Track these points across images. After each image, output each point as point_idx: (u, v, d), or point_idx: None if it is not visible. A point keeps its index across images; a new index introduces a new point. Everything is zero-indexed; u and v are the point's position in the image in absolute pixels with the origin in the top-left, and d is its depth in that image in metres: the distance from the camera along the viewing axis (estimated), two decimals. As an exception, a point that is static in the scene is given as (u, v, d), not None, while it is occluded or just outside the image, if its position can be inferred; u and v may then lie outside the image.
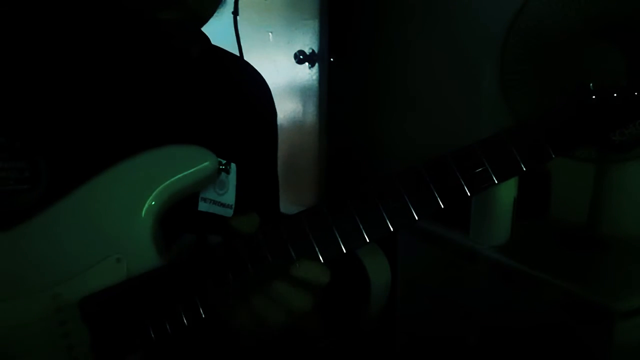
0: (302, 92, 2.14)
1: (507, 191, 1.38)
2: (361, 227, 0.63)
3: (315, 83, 2.08)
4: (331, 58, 2.05)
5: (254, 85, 0.92)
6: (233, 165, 0.79)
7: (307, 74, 2.10)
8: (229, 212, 0.78)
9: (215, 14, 0.79)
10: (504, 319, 1.35)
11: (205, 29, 0.83)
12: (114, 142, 0.69)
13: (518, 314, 1.32)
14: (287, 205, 1.03)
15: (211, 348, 0.73)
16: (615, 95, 0.64)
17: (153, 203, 0.65)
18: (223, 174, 0.77)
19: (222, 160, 0.75)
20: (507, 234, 1.42)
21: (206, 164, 0.67)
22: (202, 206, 0.75)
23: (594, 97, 0.64)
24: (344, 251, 0.63)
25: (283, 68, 2.15)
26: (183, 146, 0.67)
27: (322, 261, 0.62)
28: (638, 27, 1.19)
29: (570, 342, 1.22)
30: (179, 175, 0.66)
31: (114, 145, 0.68)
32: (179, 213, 0.69)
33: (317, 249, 0.62)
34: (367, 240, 0.63)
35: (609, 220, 1.41)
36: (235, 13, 2.24)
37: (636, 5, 1.19)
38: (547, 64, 1.32)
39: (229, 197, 0.78)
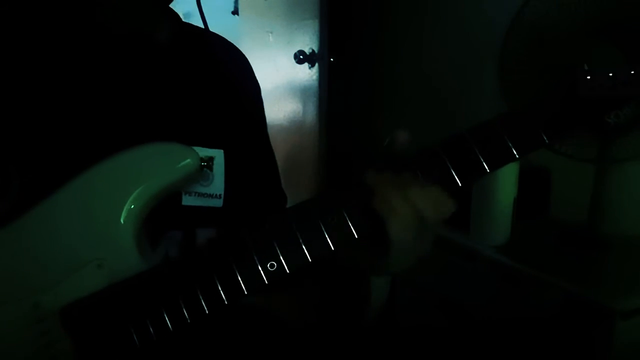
0: (302, 92, 2.14)
1: (507, 191, 1.38)
2: (350, 224, 0.62)
3: (315, 83, 2.08)
4: (331, 58, 2.04)
5: (233, 63, 0.87)
6: (219, 153, 0.75)
7: (307, 74, 2.10)
8: (218, 203, 0.75)
9: (214, 14, 0.76)
10: (503, 319, 1.35)
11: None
12: (88, 145, 0.67)
13: (518, 313, 1.32)
14: (287, 205, 1.02)
15: (200, 350, 0.73)
16: (610, 75, 0.61)
17: (132, 206, 0.63)
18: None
19: (203, 157, 0.72)
20: (507, 234, 1.41)
21: (187, 161, 0.65)
22: (187, 200, 0.72)
23: (588, 77, 0.61)
24: (332, 248, 0.61)
25: (283, 68, 2.15)
26: (162, 144, 0.65)
27: (310, 260, 0.61)
28: (638, 27, 1.18)
29: (571, 341, 1.21)
30: (159, 175, 0.64)
31: (89, 148, 0.66)
32: (163, 210, 0.67)
33: (304, 247, 0.61)
34: (356, 237, 0.62)
35: (609, 220, 1.41)
36: (235, 13, 2.24)
37: (636, 4, 1.18)
38: (547, 63, 1.31)
39: (216, 186, 0.75)
